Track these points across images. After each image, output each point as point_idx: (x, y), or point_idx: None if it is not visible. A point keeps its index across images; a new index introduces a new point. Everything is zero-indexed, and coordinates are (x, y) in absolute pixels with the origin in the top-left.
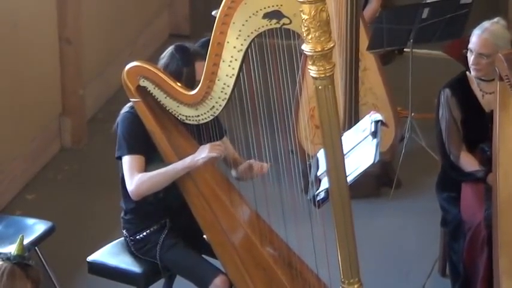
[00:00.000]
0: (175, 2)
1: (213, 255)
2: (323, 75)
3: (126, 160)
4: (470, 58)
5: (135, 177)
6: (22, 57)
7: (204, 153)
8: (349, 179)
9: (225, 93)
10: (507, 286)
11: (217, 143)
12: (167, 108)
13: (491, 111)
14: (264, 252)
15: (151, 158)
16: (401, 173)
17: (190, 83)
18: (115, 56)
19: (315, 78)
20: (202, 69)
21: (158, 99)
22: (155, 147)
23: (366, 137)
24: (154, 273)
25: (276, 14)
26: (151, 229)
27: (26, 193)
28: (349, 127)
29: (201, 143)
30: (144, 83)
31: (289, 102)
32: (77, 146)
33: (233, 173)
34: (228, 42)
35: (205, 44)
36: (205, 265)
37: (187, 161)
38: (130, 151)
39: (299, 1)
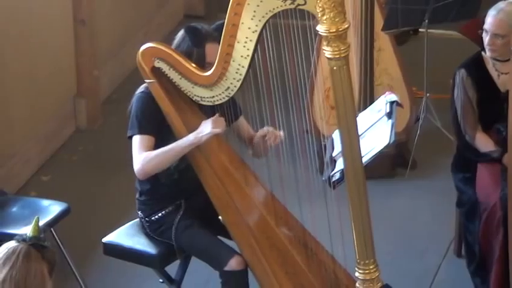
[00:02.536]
0: None
1: (228, 237)
2: (338, 56)
3: (136, 139)
4: (486, 38)
5: (141, 156)
6: (37, 38)
7: (207, 129)
8: (365, 159)
9: (240, 74)
10: None
11: (220, 118)
12: (182, 89)
13: (507, 91)
14: (279, 233)
15: (166, 139)
16: (417, 153)
17: (201, 65)
18: (129, 37)
19: (329, 59)
20: (213, 51)
21: (173, 80)
22: (170, 129)
23: (381, 118)
24: (170, 255)
25: None
26: (167, 210)
27: (41, 174)
28: (364, 108)
29: None
30: (159, 64)
31: (304, 83)
32: (91, 127)
33: (249, 151)
34: (242, 23)
35: (220, 27)
36: (221, 246)
37: (191, 137)
38: (141, 131)
39: None
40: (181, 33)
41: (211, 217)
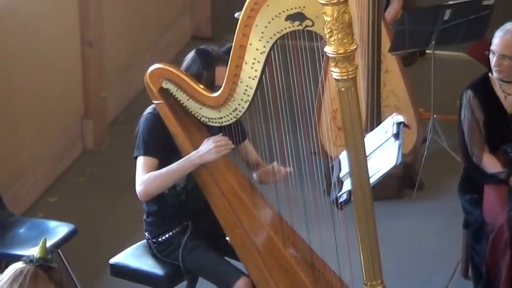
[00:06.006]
0: (197, 4)
1: (236, 257)
2: (346, 77)
3: (140, 161)
4: (493, 60)
5: (143, 178)
6: (44, 59)
7: (209, 149)
8: (372, 180)
9: (248, 95)
10: None
11: (223, 137)
12: (190, 110)
13: None
14: (287, 254)
15: (173, 160)
16: (424, 174)
17: (210, 87)
18: (137, 58)
19: (337, 80)
20: (222, 74)
21: (181, 101)
22: (177, 150)
23: (388, 139)
24: (177, 276)
25: (298, 16)
26: (174, 231)
27: (48, 195)
28: (371, 129)
29: None
30: (166, 85)
31: (311, 104)
32: (99, 148)
33: (254, 175)
34: (250, 44)
35: (230, 50)
36: (228, 267)
37: (192, 157)
38: (146, 152)
39: (322, 3)
40: (191, 55)
41: (219, 238)
